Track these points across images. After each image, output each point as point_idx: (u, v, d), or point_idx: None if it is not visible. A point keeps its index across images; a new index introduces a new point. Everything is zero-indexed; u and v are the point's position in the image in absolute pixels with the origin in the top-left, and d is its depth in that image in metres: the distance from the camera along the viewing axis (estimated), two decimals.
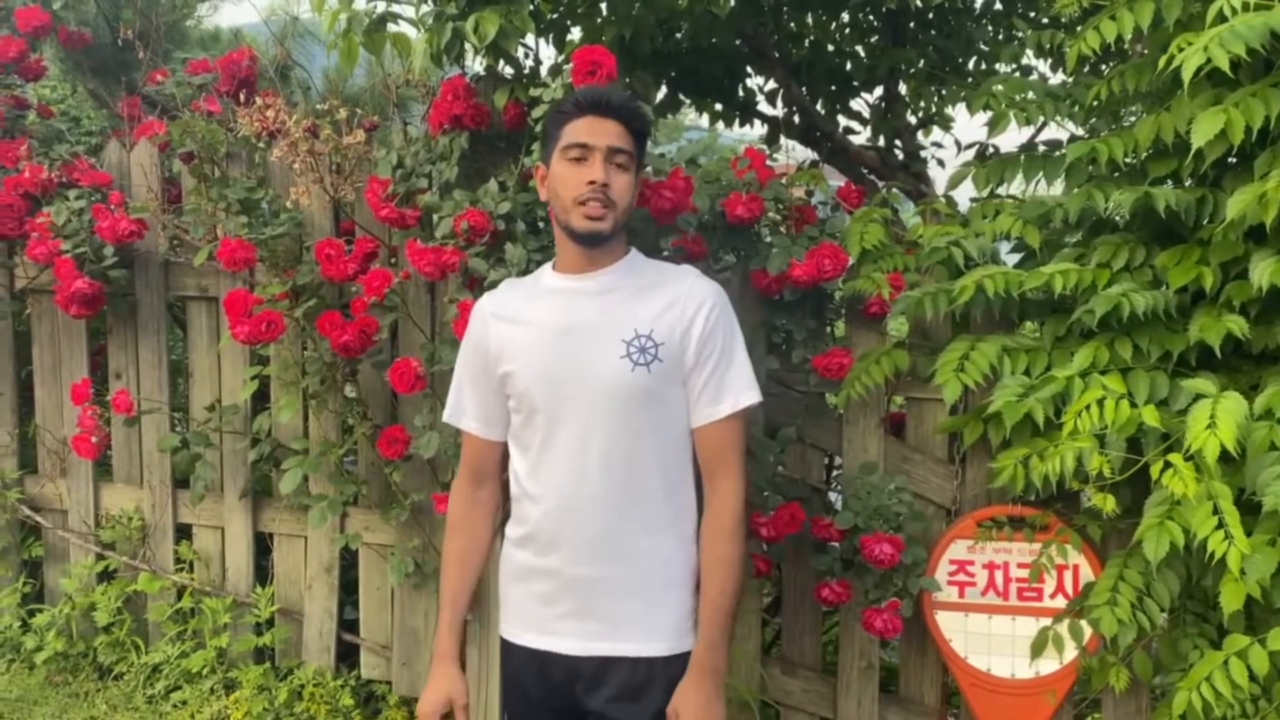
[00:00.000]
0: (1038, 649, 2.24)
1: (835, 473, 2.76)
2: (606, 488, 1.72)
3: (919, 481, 2.41)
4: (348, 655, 3.04)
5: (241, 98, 2.93)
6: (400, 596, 2.90)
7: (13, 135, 3.17)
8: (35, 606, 3.28)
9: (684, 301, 1.74)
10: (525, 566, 1.82)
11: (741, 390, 1.74)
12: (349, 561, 3.05)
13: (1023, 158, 2.44)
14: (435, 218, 2.56)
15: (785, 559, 2.56)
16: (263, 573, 3.12)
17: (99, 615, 3.10)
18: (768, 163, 2.47)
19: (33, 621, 3.22)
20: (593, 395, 1.72)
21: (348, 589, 3.05)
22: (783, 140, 3.65)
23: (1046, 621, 2.24)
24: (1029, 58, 3.14)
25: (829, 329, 2.61)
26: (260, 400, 3.04)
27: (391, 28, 2.65)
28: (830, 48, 3.64)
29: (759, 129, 3.87)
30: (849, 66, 3.62)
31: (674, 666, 1.72)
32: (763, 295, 2.45)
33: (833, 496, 2.60)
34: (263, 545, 3.13)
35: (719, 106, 3.76)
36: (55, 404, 3.26)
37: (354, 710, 2.89)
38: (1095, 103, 2.32)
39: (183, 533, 3.18)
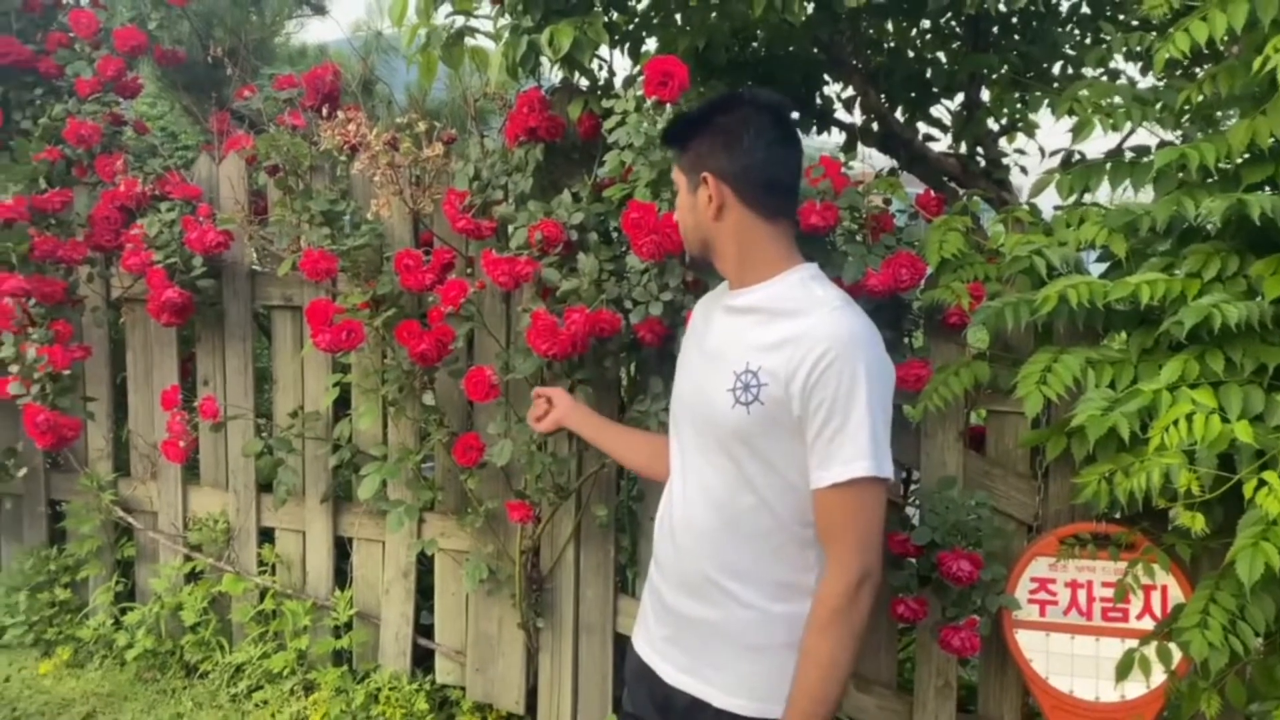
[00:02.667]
0: (1123, 671, 2.16)
1: (912, 487, 2.71)
2: (696, 522, 1.65)
3: (999, 496, 2.35)
4: (423, 659, 3.08)
5: (325, 112, 3.01)
6: (474, 603, 2.93)
7: (110, 150, 3.29)
8: (127, 605, 3.39)
9: (799, 341, 1.52)
10: (650, 575, 1.81)
11: (851, 458, 1.49)
12: (426, 567, 3.09)
13: (1109, 164, 2.36)
14: (510, 228, 2.59)
15: None
16: (342, 576, 3.18)
17: (186, 615, 3.20)
18: (844, 170, 2.44)
19: (124, 619, 3.33)
20: (698, 423, 1.66)
21: (424, 594, 3.10)
22: (860, 148, 3.60)
23: (1133, 643, 2.16)
24: (1116, 61, 3.05)
25: (906, 340, 2.56)
26: (341, 407, 3.10)
27: (469, 42, 2.70)
28: (910, 54, 3.58)
29: (836, 137, 3.83)
30: (929, 73, 3.55)
31: None
32: None
33: (909, 511, 2.55)
34: (342, 549, 3.19)
35: (795, 115, 3.72)
36: (147, 409, 3.37)
37: (428, 715, 2.93)
38: (1186, 107, 2.24)
39: (266, 536, 3.26)
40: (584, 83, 2.68)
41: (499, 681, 2.91)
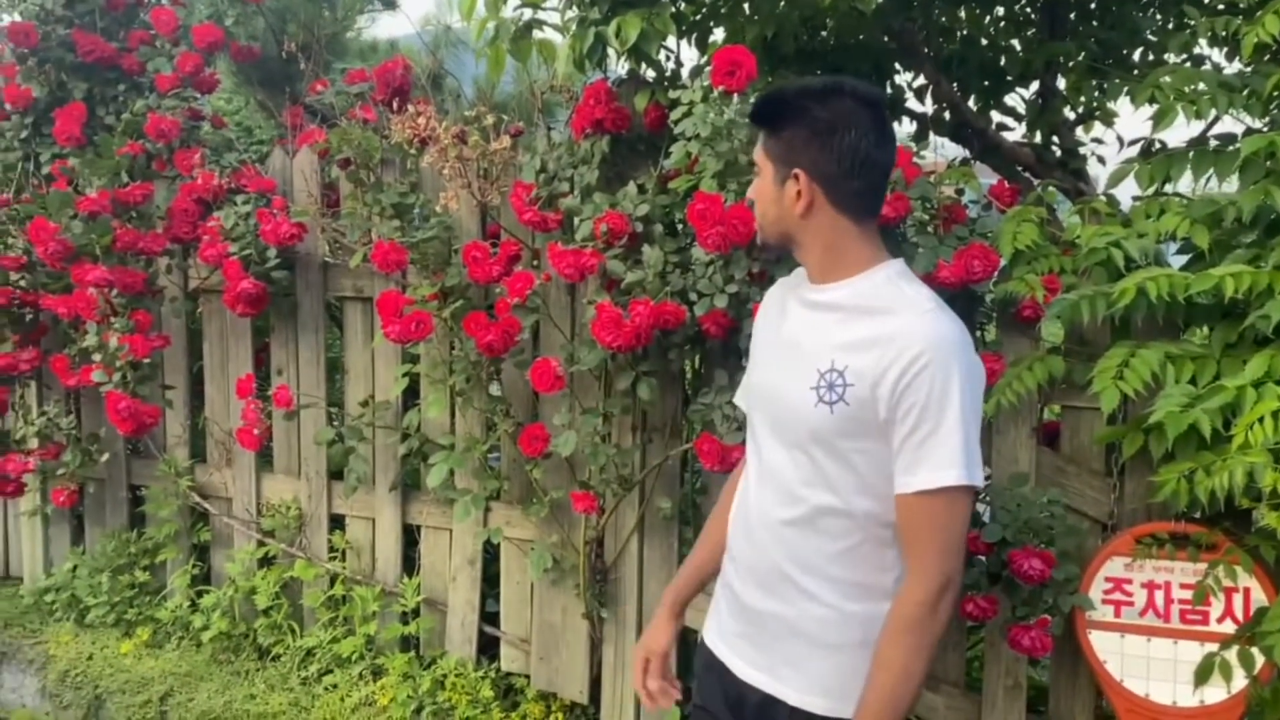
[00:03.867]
0: (1203, 676, 2.10)
1: (984, 483, 2.66)
2: (770, 517, 1.62)
3: (1073, 494, 2.30)
4: (488, 647, 3.11)
5: (395, 106, 3.04)
6: (539, 592, 2.95)
7: (189, 145, 3.38)
8: (203, 588, 3.48)
9: (889, 342, 1.46)
10: (724, 568, 1.79)
11: (941, 465, 1.44)
12: (492, 555, 3.12)
13: (1192, 153, 2.29)
14: (576, 220, 2.59)
15: None
16: (410, 563, 3.23)
17: (259, 599, 3.27)
18: (915, 160, 2.40)
19: (200, 602, 3.42)
20: (776, 419, 1.62)
21: (490, 582, 3.13)
22: (932, 137, 3.54)
23: (1213, 647, 2.10)
24: (1201, 47, 2.95)
25: (978, 333, 2.52)
26: (410, 396, 3.15)
27: (537, 34, 2.71)
28: (983, 42, 3.50)
29: (906, 126, 3.77)
30: (1003, 60, 3.48)
31: None
32: None
33: (979, 508, 2.51)
34: (410, 536, 3.24)
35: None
36: (223, 398, 3.45)
37: (493, 702, 2.96)
38: (1275, 93, 2.16)
39: (336, 523, 3.32)
40: (650, 74, 2.67)
41: (563, 671, 2.93)
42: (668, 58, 2.67)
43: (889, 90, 3.61)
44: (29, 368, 3.43)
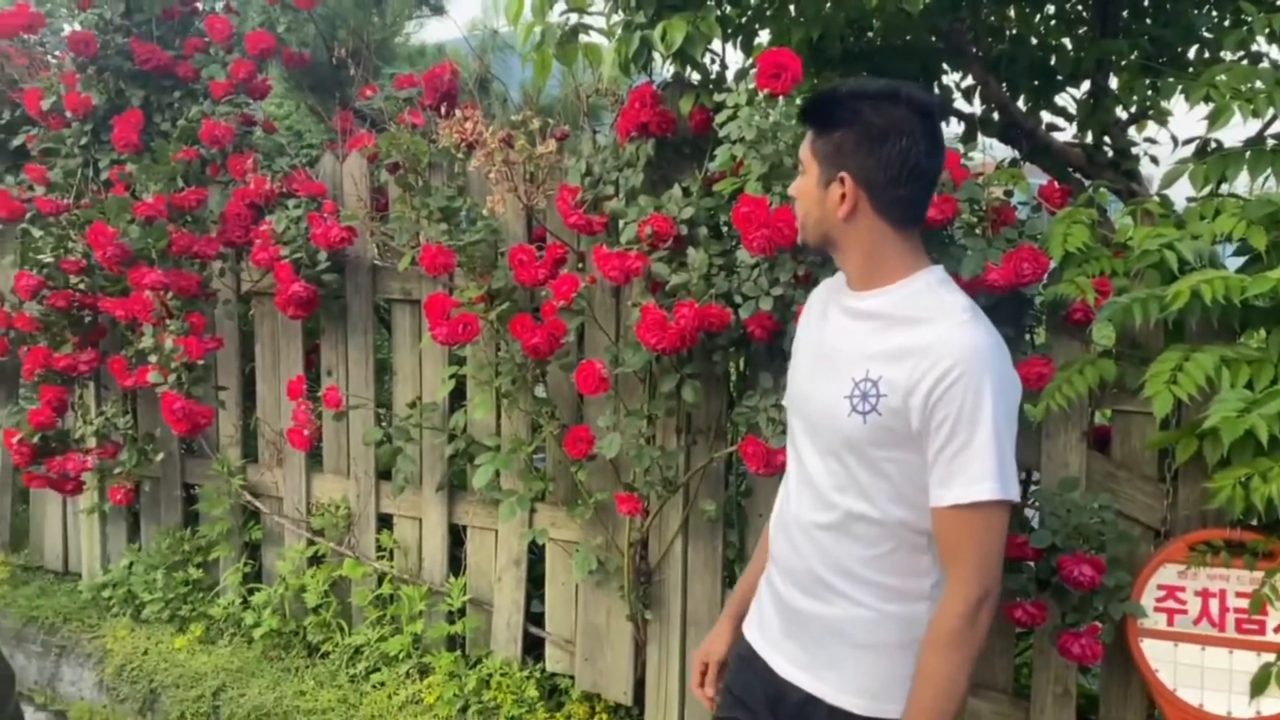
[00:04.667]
0: (1259, 686, 2.05)
1: (1032, 488, 2.63)
2: (805, 520, 1.64)
3: (1124, 500, 2.26)
4: (534, 647, 3.13)
5: (443, 110, 3.08)
6: (584, 593, 2.96)
7: (241, 150, 3.44)
8: (254, 586, 3.54)
9: (924, 353, 1.46)
10: (768, 568, 1.81)
11: (975, 479, 1.43)
12: (537, 556, 3.14)
13: (1248, 153, 2.24)
14: (621, 223, 2.60)
15: None
16: (456, 563, 3.26)
17: (309, 597, 3.32)
18: (963, 162, 2.38)
19: (252, 599, 3.48)
20: (811, 424, 1.63)
21: (535, 583, 3.15)
22: (980, 138, 3.50)
23: (1270, 657, 2.05)
24: (1258, 44, 2.88)
25: (1027, 336, 2.48)
26: (457, 398, 3.18)
27: (582, 39, 2.72)
28: (1033, 41, 3.46)
29: (954, 127, 3.73)
30: (1053, 60, 3.43)
31: None
32: None
33: (1028, 513, 2.48)
34: (456, 536, 3.27)
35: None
36: (274, 398, 3.51)
37: (538, 702, 2.98)
38: None
39: (384, 522, 3.37)
40: (695, 77, 2.67)
41: (607, 672, 2.94)
42: (712, 60, 2.68)
43: (936, 91, 3.58)
44: (88, 369, 3.52)
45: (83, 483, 3.60)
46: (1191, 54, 3.30)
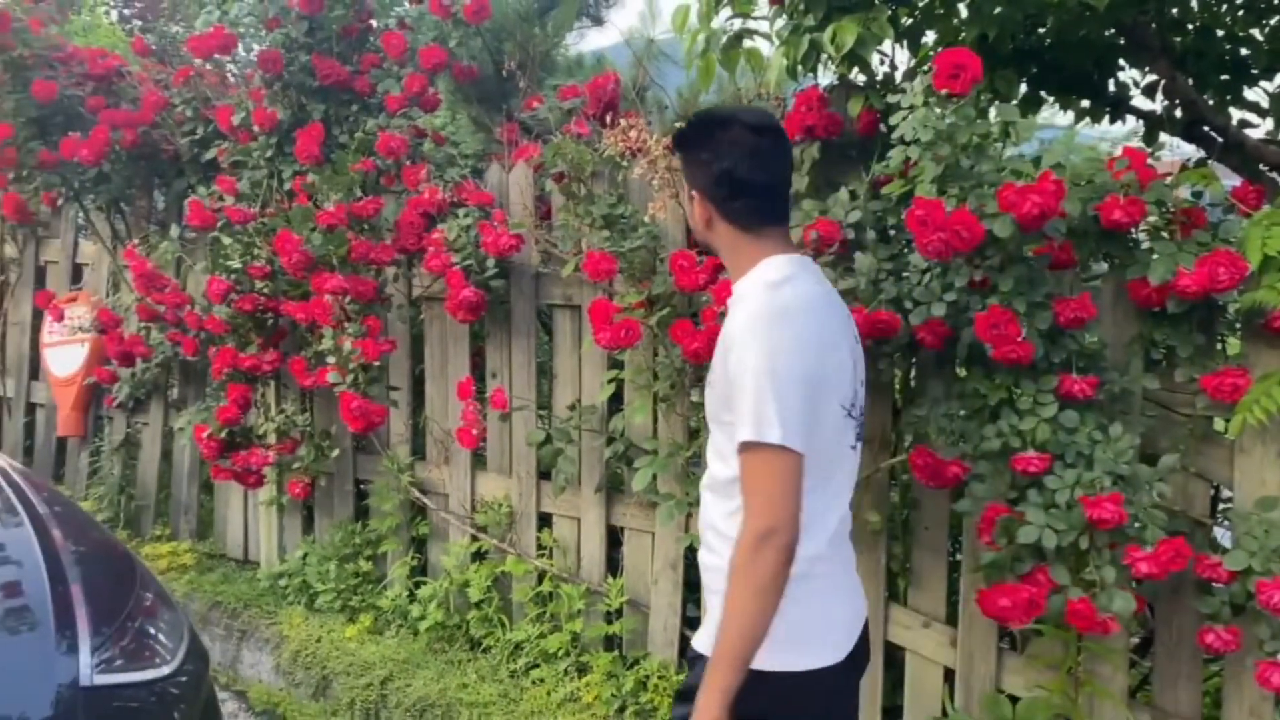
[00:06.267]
0: None
1: (1223, 506, 2.48)
2: (704, 483, 1.85)
3: None
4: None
5: (606, 120, 3.13)
6: None
7: (414, 161, 3.58)
8: (420, 579, 3.68)
9: (729, 326, 1.73)
10: None
11: (749, 424, 1.62)
12: (692, 559, 3.15)
13: None
14: None
15: (1160, 597, 2.33)
16: (613, 564, 3.30)
17: (472, 592, 3.42)
18: (1149, 162, 2.27)
19: (418, 593, 3.61)
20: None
21: (691, 587, 3.16)
22: (1164, 137, 3.33)
23: None
24: None
25: (1219, 345, 2.35)
26: (615, 401, 3.22)
27: (746, 43, 2.73)
28: (1220, 33, 3.27)
29: (1124, 126, 3.57)
30: (1244, 53, 3.23)
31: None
32: (1140, 307, 2.26)
33: (1218, 533, 2.34)
34: (614, 537, 3.31)
35: (1085, 103, 3.50)
36: (441, 399, 3.64)
37: None
38: None
39: (544, 521, 3.44)
40: (861, 79, 2.64)
41: None
42: (881, 61, 2.63)
43: (1113, 88, 3.42)
44: (270, 369, 3.73)
45: (264, 476, 3.81)
46: None
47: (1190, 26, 3.29)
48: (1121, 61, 3.34)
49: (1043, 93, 3.37)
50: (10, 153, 4.22)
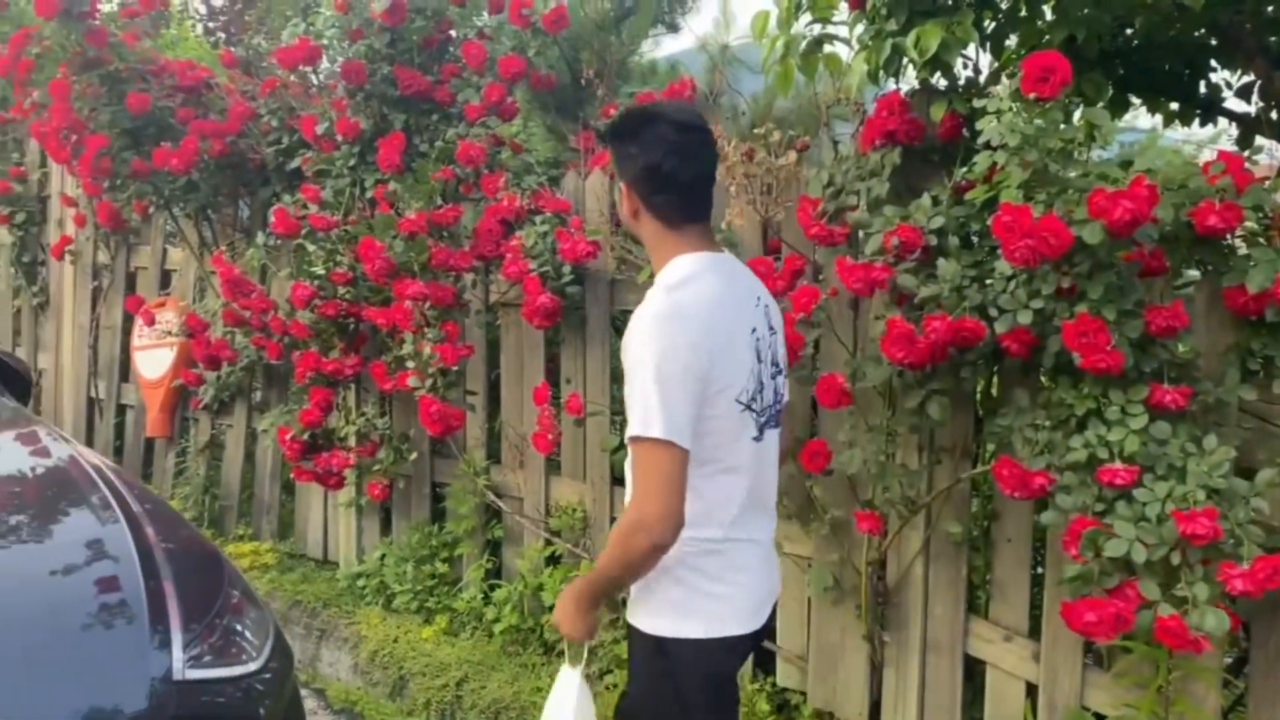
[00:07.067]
0: None
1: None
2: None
3: None
4: (764, 661, 3.12)
5: None
6: (816, 609, 2.93)
7: (492, 169, 3.63)
8: (494, 582, 3.71)
9: (630, 322, 1.80)
10: None
11: (633, 419, 1.74)
12: None
13: None
14: (862, 234, 2.56)
15: (1256, 615, 2.25)
16: None
17: (546, 595, 3.44)
18: (1247, 166, 2.19)
19: (493, 595, 3.65)
20: None
21: None
22: (1260, 140, 3.22)
23: None
24: None
25: None
26: None
27: (825, 49, 2.71)
28: None
29: (1210, 128, 3.46)
30: None
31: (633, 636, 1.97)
32: (1236, 315, 2.18)
33: None
34: None
35: (1175, 105, 3.40)
36: (516, 404, 3.68)
37: (769, 716, 2.96)
38: None
39: None
40: (943, 83, 2.60)
41: (840, 691, 2.89)
42: (965, 65, 2.60)
43: (1205, 89, 3.33)
44: (352, 373, 3.81)
45: (344, 478, 3.89)
46: None
47: None
48: (1213, 62, 3.24)
49: (1130, 95, 3.28)
50: (106, 162, 4.38)
